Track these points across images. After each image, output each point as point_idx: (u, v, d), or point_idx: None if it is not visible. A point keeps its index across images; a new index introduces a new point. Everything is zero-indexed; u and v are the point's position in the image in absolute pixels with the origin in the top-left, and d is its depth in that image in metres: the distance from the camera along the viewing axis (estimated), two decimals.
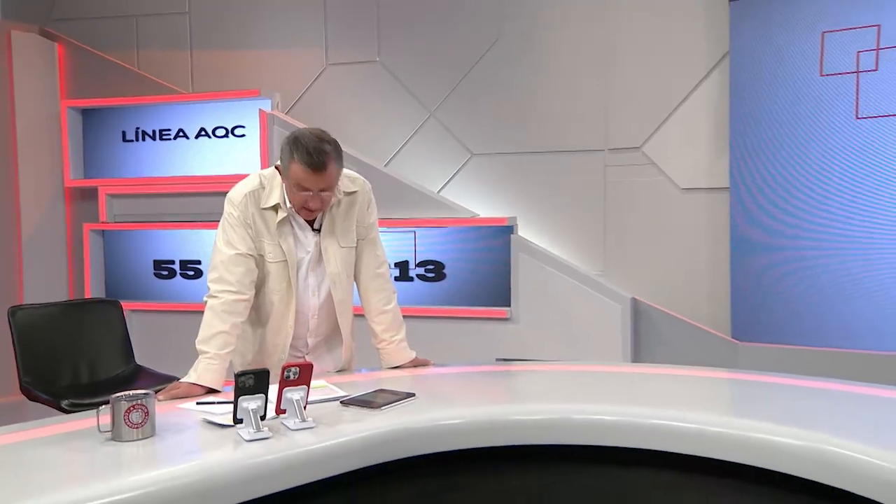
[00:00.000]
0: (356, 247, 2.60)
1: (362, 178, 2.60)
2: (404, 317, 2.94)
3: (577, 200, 4.67)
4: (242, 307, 2.38)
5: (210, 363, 2.29)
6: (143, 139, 5.18)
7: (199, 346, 2.34)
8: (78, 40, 5.37)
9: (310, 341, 2.61)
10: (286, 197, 2.43)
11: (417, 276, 4.72)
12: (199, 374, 2.28)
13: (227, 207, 2.44)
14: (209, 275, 2.44)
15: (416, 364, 2.64)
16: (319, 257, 2.53)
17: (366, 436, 1.88)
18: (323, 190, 2.34)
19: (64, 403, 2.93)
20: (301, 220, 2.48)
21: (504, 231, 4.54)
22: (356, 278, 2.63)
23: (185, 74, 5.35)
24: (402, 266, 4.74)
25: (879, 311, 3.89)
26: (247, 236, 2.41)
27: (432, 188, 4.86)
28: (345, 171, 2.53)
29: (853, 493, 1.64)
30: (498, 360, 4.22)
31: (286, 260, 2.47)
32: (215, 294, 2.37)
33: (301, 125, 4.46)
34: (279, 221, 2.43)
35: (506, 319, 4.50)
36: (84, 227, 5.17)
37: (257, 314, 2.53)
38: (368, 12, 4.98)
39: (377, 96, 5.01)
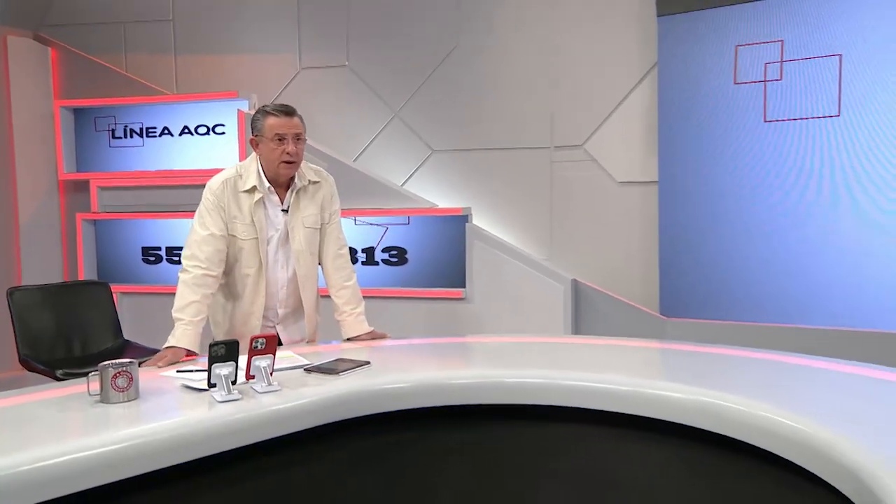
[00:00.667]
0: (321, 230, 2.65)
1: (326, 172, 2.69)
2: (372, 297, 3.02)
3: (526, 192, 4.70)
4: (211, 281, 2.45)
5: (186, 329, 2.37)
6: (131, 136, 5.15)
7: (175, 315, 2.41)
8: (70, 45, 5.31)
9: (280, 312, 2.65)
10: (262, 179, 2.51)
11: (382, 260, 4.73)
12: (177, 338, 2.35)
13: (205, 193, 2.52)
14: (183, 252, 2.52)
15: (373, 337, 2.66)
16: (287, 235, 2.59)
17: (323, 398, 1.93)
18: (296, 136, 2.46)
19: (58, 373, 2.93)
20: (274, 199, 2.55)
21: (460, 220, 4.56)
22: (321, 258, 2.69)
23: (170, 77, 5.31)
24: (369, 252, 4.76)
25: (784, 289, 4.00)
26: (219, 219, 2.48)
27: (396, 181, 4.88)
28: (311, 165, 2.64)
29: (728, 437, 1.74)
30: None
31: (258, 237, 2.53)
32: (187, 269, 2.45)
33: None
34: (255, 202, 2.50)
35: (461, 299, 4.53)
36: (77, 216, 5.14)
37: (234, 288, 2.60)
38: (339, 21, 4.96)
39: (346, 98, 5.00)
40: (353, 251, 4.75)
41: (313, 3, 5.02)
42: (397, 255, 4.71)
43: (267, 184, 2.51)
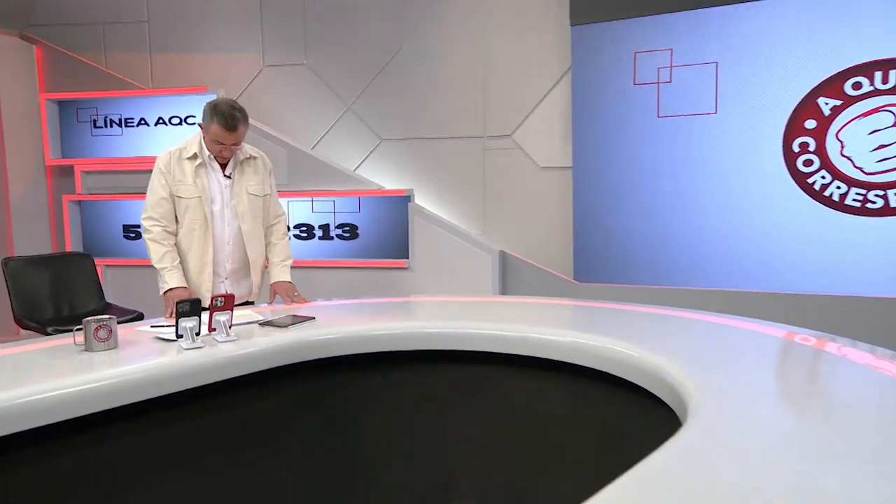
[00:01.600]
0: (263, 200, 2.70)
1: (264, 154, 2.75)
2: (327, 268, 3.04)
3: (462, 176, 4.74)
4: (171, 236, 2.59)
5: (173, 273, 2.50)
6: (111, 126, 5.10)
7: (158, 265, 2.53)
8: (53, 43, 5.23)
9: (227, 266, 2.67)
10: (203, 148, 2.56)
11: (336, 235, 4.73)
12: (171, 283, 2.49)
13: (155, 164, 2.58)
14: (142, 216, 2.59)
15: (293, 295, 2.65)
16: (231, 197, 2.63)
17: (273, 346, 1.99)
18: (233, 144, 2.51)
19: (49, 329, 2.93)
20: (216, 166, 2.59)
21: (404, 200, 4.60)
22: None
23: (146, 73, 5.25)
24: (324, 228, 4.73)
25: (676, 257, 4.11)
26: (165, 184, 2.55)
27: (349, 167, 4.88)
28: (251, 146, 2.68)
29: (600, 370, 1.85)
30: None
31: (201, 196, 2.57)
32: (149, 229, 2.56)
33: None
34: (196, 166, 2.55)
35: (405, 269, 4.57)
36: (63, 198, 5.08)
37: (185, 243, 2.63)
38: (297, 24, 4.93)
39: (305, 93, 4.98)
40: (310, 228, 4.74)
41: (275, 7, 4.96)
42: (349, 231, 4.72)
43: (207, 153, 2.56)
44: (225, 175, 2.62)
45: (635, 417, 1.80)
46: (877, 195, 3.63)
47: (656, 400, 1.65)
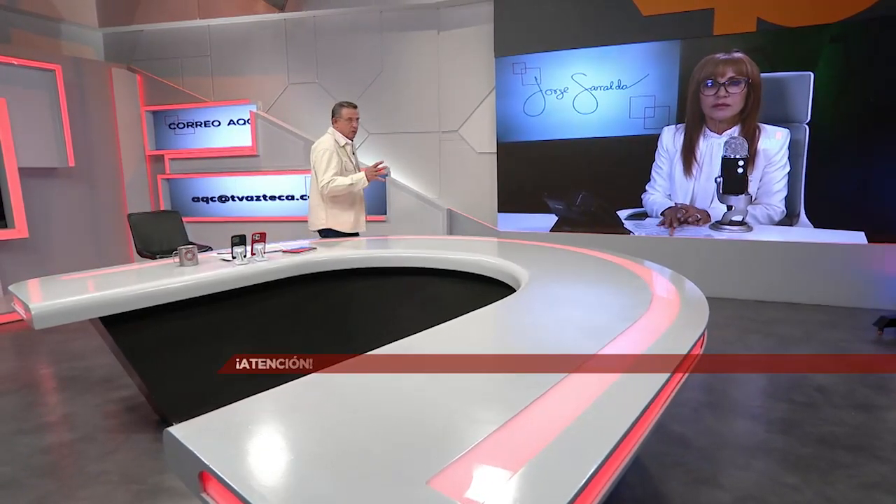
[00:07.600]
0: None
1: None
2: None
3: (425, 158, 4.90)
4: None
5: (353, 175, 2.79)
6: (187, 127, 5.25)
7: (349, 182, 2.73)
8: (149, 72, 5.40)
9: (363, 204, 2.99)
10: (345, 138, 2.80)
11: None
12: (359, 175, 2.76)
13: (326, 149, 2.74)
14: (325, 178, 2.75)
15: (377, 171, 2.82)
16: (353, 166, 2.91)
17: (288, 264, 2.21)
18: (358, 118, 2.83)
19: (157, 256, 3.25)
20: (349, 147, 2.86)
21: (383, 176, 4.40)
22: None
23: (209, 90, 5.38)
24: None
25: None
26: (338, 158, 2.79)
27: None
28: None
29: (484, 275, 2.04)
30: None
31: (356, 168, 2.89)
32: (332, 180, 2.76)
33: (275, 119, 4.74)
34: (349, 150, 2.82)
35: (384, 221, 4.80)
36: (158, 176, 5.31)
37: (351, 196, 2.86)
38: (310, 54, 5.04)
39: (317, 102, 5.09)
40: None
41: (295, 43, 5.07)
42: None
43: (347, 140, 2.85)
44: (353, 152, 2.95)
45: (498, 297, 1.74)
46: None
47: (506, 285, 1.90)
